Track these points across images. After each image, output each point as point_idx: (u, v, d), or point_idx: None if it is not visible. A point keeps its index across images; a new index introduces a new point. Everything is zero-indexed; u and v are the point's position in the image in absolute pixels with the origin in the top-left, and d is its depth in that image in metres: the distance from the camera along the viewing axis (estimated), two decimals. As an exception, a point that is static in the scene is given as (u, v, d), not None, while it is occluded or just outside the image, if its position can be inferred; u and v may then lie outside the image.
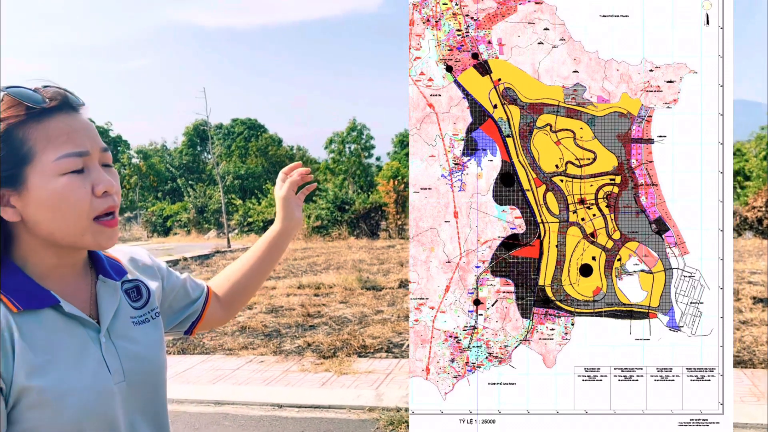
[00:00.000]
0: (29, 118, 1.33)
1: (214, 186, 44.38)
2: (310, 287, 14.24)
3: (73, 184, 1.36)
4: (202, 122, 59.86)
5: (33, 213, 1.34)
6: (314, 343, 9.32)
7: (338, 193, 33.65)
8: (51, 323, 1.35)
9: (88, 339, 1.40)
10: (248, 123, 70.23)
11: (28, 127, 1.33)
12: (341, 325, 10.48)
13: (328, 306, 12.19)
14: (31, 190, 1.33)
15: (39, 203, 1.34)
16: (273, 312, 11.78)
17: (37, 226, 1.36)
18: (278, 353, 9.01)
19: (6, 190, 1.33)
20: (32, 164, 1.33)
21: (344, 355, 8.64)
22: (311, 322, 10.79)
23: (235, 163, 55.32)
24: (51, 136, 1.34)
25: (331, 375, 7.85)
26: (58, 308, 1.37)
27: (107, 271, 1.52)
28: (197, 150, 66.14)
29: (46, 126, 1.34)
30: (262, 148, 59.47)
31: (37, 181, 1.33)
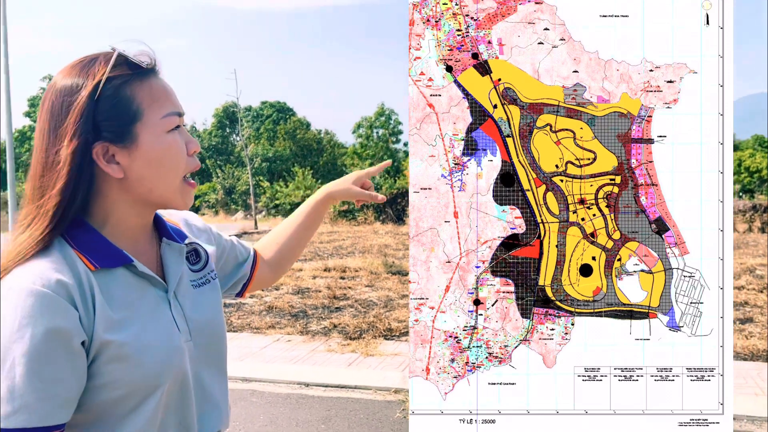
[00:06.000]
0: (134, 77, 1.38)
1: (242, 168, 44.62)
2: (336, 270, 14.30)
3: (176, 141, 1.43)
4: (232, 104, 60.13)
5: (138, 169, 1.39)
6: (340, 325, 9.38)
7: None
8: (125, 282, 1.39)
9: (158, 298, 1.44)
10: (277, 106, 70.41)
11: (135, 86, 1.38)
12: (367, 307, 10.53)
13: (353, 289, 12.25)
14: (141, 146, 1.38)
15: (147, 159, 1.39)
16: (299, 293, 11.86)
17: (139, 182, 1.40)
18: (305, 333, 9.09)
19: (114, 146, 1.36)
20: (142, 121, 1.38)
21: (370, 337, 8.69)
22: (337, 304, 10.86)
23: (264, 146, 55.52)
24: (154, 96, 1.40)
25: (357, 356, 7.91)
26: (131, 267, 1.40)
27: (170, 234, 1.56)
28: (226, 132, 66.43)
29: (149, 85, 1.40)
30: (290, 131, 59.57)
31: (147, 138, 1.38)
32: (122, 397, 1.34)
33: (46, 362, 1.23)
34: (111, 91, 1.35)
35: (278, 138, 60.19)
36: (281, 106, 70.60)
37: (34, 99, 64.14)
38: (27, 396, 1.21)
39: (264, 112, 70.07)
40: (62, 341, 1.24)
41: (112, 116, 1.35)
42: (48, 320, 1.23)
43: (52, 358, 1.24)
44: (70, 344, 1.26)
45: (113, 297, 1.35)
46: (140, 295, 1.41)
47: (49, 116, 1.35)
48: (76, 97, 1.33)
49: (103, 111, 1.34)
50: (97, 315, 1.30)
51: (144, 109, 1.38)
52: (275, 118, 68.13)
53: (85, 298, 1.30)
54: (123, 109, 1.36)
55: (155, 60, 1.43)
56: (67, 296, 1.26)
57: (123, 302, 1.36)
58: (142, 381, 1.35)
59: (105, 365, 1.31)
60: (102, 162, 1.36)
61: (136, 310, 1.38)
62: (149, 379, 1.36)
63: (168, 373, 1.39)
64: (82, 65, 1.37)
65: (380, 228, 26.64)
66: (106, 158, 1.36)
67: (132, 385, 1.34)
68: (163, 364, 1.38)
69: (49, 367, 1.23)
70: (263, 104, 71.25)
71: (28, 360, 1.22)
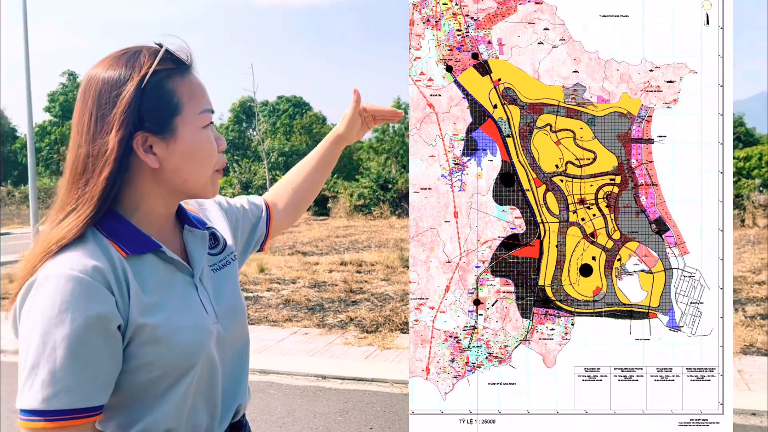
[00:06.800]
0: (175, 72, 1.43)
1: (258, 162, 44.73)
2: (353, 264, 14.35)
3: (210, 137, 1.48)
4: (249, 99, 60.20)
5: (175, 161, 1.43)
6: (357, 318, 9.41)
7: (381, 172, 33.68)
8: (154, 267, 1.43)
9: (186, 283, 1.49)
10: (293, 100, 70.47)
11: (176, 81, 1.43)
12: (383, 301, 10.56)
13: (369, 283, 12.28)
14: (179, 139, 1.43)
15: (184, 152, 1.44)
16: (316, 287, 11.91)
17: (174, 173, 1.45)
18: (321, 326, 9.13)
19: (153, 137, 1.41)
20: (181, 115, 1.43)
21: (387, 331, 8.70)
22: (353, 298, 10.90)
23: (280, 140, 55.65)
24: (192, 91, 1.45)
25: (374, 349, 7.94)
26: (160, 253, 1.45)
27: (192, 221, 1.60)
28: (243, 126, 66.62)
29: (188, 81, 1.45)
30: (306, 125, 59.66)
31: (186, 132, 1.43)
32: (157, 379, 1.39)
33: (86, 346, 1.27)
34: (155, 83, 1.40)
35: (294, 132, 60.31)
36: (297, 101, 70.68)
37: (54, 94, 64.52)
38: (68, 379, 1.26)
39: (280, 107, 70.17)
40: (101, 325, 1.29)
41: (155, 108, 1.40)
42: (87, 305, 1.27)
43: (92, 342, 1.28)
44: (108, 328, 1.30)
45: (145, 282, 1.39)
46: (169, 280, 1.45)
47: (95, 106, 1.39)
48: (124, 88, 1.37)
49: (147, 102, 1.39)
50: (132, 299, 1.35)
51: (184, 104, 1.43)
52: (291, 112, 68.21)
53: (120, 283, 1.34)
54: (165, 102, 1.41)
55: (192, 56, 1.48)
56: (104, 282, 1.31)
57: (154, 287, 1.41)
58: (175, 362, 1.39)
59: (140, 348, 1.36)
60: (141, 151, 1.40)
61: (166, 295, 1.43)
62: (182, 360, 1.40)
63: (199, 355, 1.43)
64: (126, 57, 1.42)
65: (396, 222, 26.67)
66: (144, 148, 1.40)
67: (166, 366, 1.39)
68: (195, 345, 1.42)
69: (89, 350, 1.28)
70: (279, 99, 71.35)
71: (69, 344, 1.26)
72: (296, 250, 17.46)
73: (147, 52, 1.42)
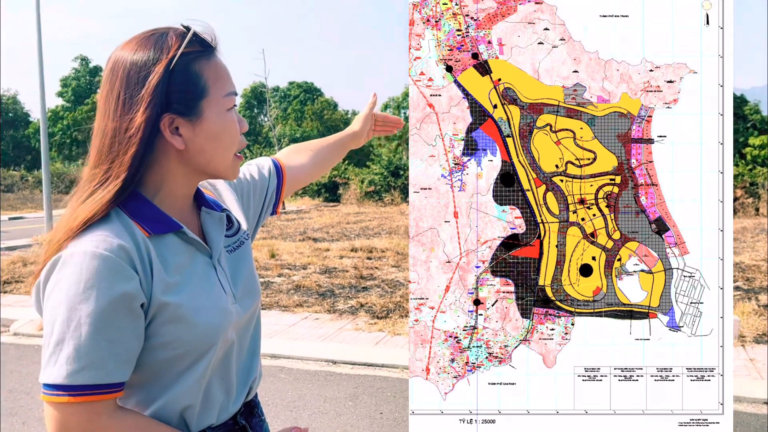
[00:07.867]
0: (202, 55, 1.45)
1: (270, 148, 44.72)
2: (363, 250, 14.37)
3: (234, 119, 1.50)
4: (260, 84, 60.23)
5: (200, 142, 1.45)
6: (367, 304, 9.45)
7: (392, 158, 33.63)
8: (175, 247, 1.45)
9: (205, 264, 1.51)
10: (305, 86, 70.39)
11: (202, 63, 1.44)
12: (393, 288, 10.58)
13: (380, 269, 12.31)
14: (205, 121, 1.44)
15: (210, 134, 1.45)
16: (327, 273, 11.96)
17: (199, 154, 1.47)
18: (332, 312, 9.17)
19: (180, 119, 1.42)
20: (207, 98, 1.44)
21: (397, 317, 8.73)
22: (364, 284, 10.94)
23: (291, 126, 55.64)
24: (218, 74, 1.47)
25: (384, 335, 7.98)
26: (181, 234, 1.47)
27: (209, 203, 1.62)
28: (254, 112, 66.62)
29: (214, 64, 1.47)
30: (317, 111, 59.64)
31: (212, 114, 1.45)
32: (177, 357, 1.41)
33: (111, 323, 1.30)
34: (183, 65, 1.41)
35: (306, 118, 60.30)
36: (309, 87, 70.59)
37: (66, 79, 64.74)
38: (93, 355, 1.29)
39: (292, 93, 70.11)
40: (125, 303, 1.31)
41: (183, 90, 1.41)
42: (112, 283, 1.29)
43: (116, 319, 1.30)
44: (132, 306, 1.33)
45: (167, 262, 1.41)
46: (190, 260, 1.47)
47: (123, 86, 1.39)
48: (153, 70, 1.38)
49: (175, 84, 1.40)
50: (155, 278, 1.37)
51: (210, 86, 1.44)
52: (303, 98, 68.16)
53: (144, 262, 1.36)
54: (192, 84, 1.42)
55: (216, 39, 1.49)
56: (128, 260, 1.33)
57: (176, 266, 1.43)
58: (195, 341, 1.42)
59: (162, 326, 1.38)
60: (168, 133, 1.41)
61: (187, 274, 1.45)
62: (203, 338, 1.43)
63: (219, 334, 1.46)
64: (154, 39, 1.42)
65: (407, 209, 26.57)
66: (170, 129, 1.42)
67: (187, 344, 1.41)
68: (215, 325, 1.45)
69: (113, 327, 1.30)
70: (291, 84, 71.27)
71: (94, 320, 1.28)
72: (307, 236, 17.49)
73: (174, 34, 1.43)
